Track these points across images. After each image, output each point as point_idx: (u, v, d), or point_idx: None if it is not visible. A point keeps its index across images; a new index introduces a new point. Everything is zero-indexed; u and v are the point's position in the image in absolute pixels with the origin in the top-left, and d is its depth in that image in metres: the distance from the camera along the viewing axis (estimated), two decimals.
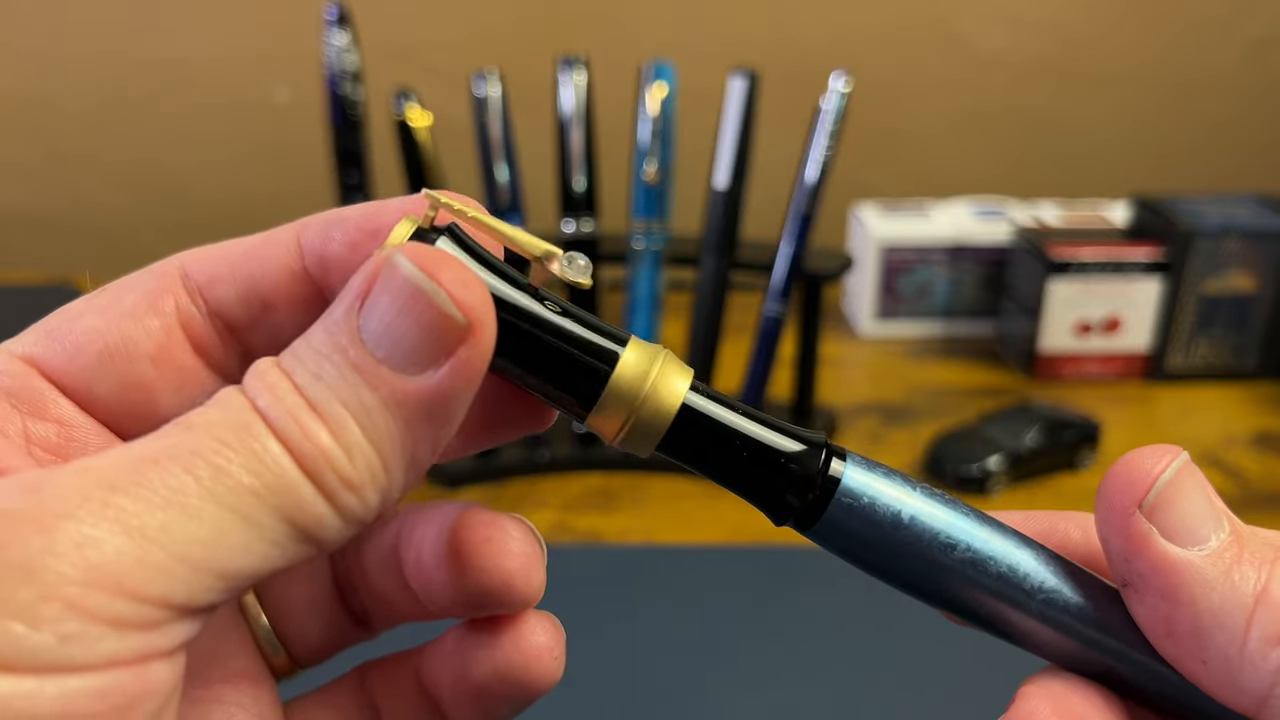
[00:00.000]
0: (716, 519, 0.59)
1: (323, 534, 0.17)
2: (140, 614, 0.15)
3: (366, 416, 0.17)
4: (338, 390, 0.17)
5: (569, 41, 0.74)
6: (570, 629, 0.23)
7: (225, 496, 0.16)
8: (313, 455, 0.17)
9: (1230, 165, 0.98)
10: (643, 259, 0.62)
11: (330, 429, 0.17)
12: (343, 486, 0.17)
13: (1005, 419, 0.63)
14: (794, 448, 0.20)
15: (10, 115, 0.96)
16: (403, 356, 0.17)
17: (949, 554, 0.20)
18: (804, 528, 0.20)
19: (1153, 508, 0.19)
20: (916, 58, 0.94)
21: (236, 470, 0.16)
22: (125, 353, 0.20)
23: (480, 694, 0.21)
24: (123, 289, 0.21)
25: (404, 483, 0.18)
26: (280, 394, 0.17)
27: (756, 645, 0.49)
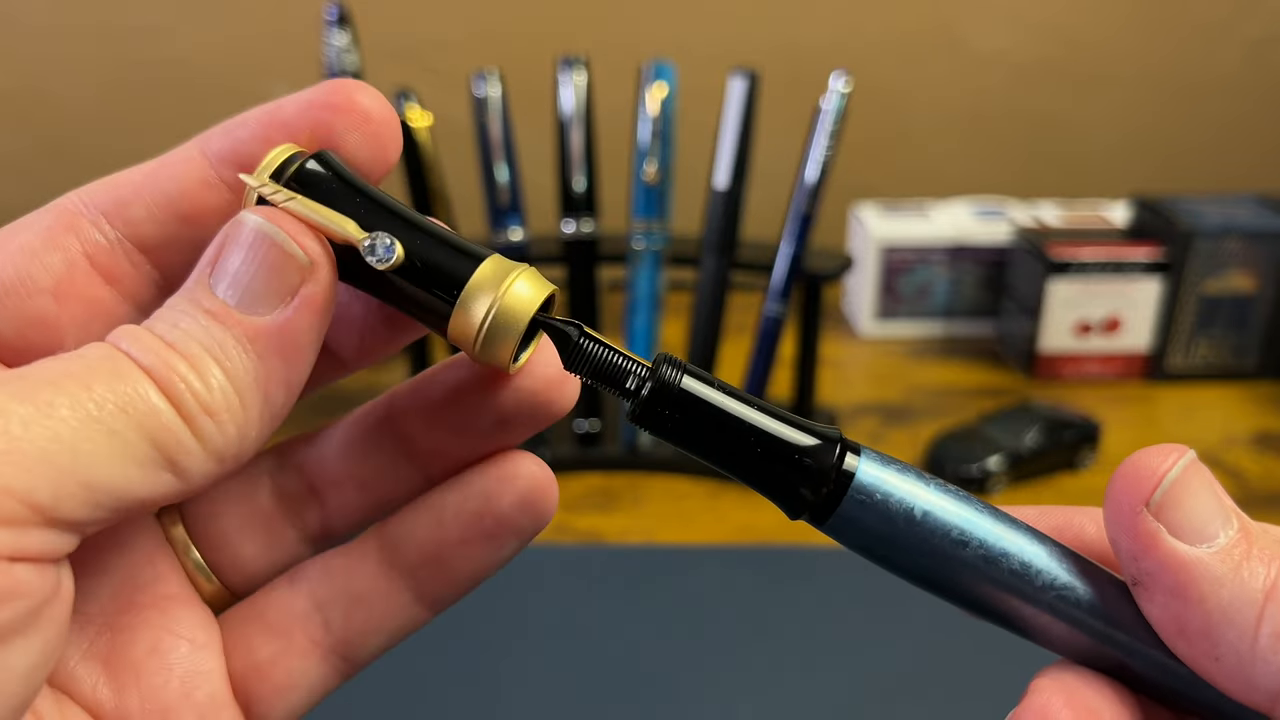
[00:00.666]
0: (716, 519, 0.59)
1: (185, 461, 0.17)
2: (3, 508, 0.15)
3: (221, 352, 0.18)
4: (194, 333, 0.18)
5: (569, 41, 0.74)
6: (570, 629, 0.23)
7: (91, 409, 0.16)
8: (173, 382, 0.17)
9: (1230, 165, 0.98)
10: (643, 259, 0.62)
11: (189, 362, 0.18)
12: (202, 412, 0.18)
13: (1005, 419, 0.63)
14: (809, 442, 0.20)
15: (10, 114, 0.96)
16: (253, 299, 0.18)
17: (963, 549, 0.20)
18: (818, 522, 0.21)
19: (1160, 506, 0.19)
20: (917, 58, 0.94)
21: (102, 389, 0.17)
22: (21, 289, 0.20)
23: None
24: (16, 228, 0.21)
25: (261, 421, 0.19)
26: (143, 341, 0.18)
27: (756, 645, 0.49)
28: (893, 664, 0.48)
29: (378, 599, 0.22)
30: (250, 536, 0.23)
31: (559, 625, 0.50)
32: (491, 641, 0.49)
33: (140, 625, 0.21)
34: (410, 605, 0.22)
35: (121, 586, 0.21)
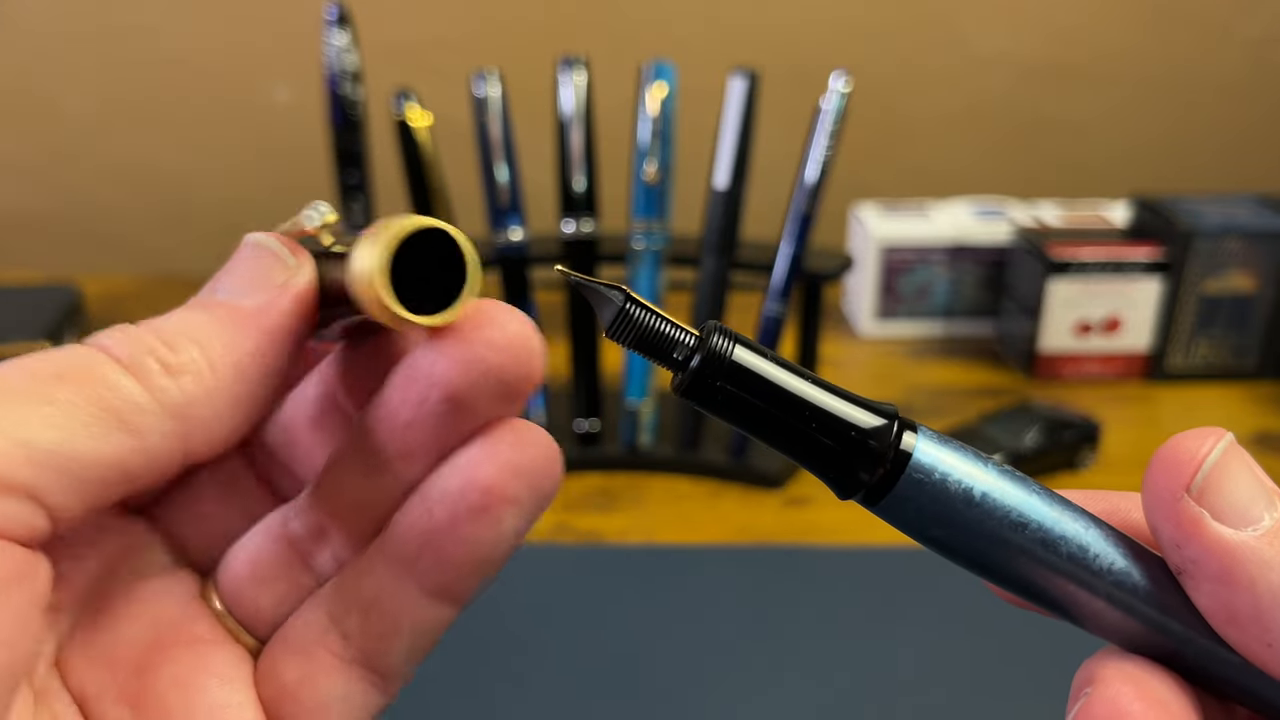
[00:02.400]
0: (716, 519, 0.59)
1: (139, 420, 0.18)
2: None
3: (198, 330, 0.19)
4: (175, 318, 0.20)
5: (569, 41, 0.74)
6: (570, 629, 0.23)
7: (33, 385, 0.17)
8: (137, 355, 0.19)
9: (1230, 165, 0.98)
10: (643, 259, 0.62)
11: (160, 335, 0.19)
12: (161, 371, 0.19)
13: (1005, 419, 0.63)
14: (867, 419, 0.19)
15: (11, 115, 0.96)
16: (240, 290, 0.20)
17: (1020, 532, 0.19)
18: (872, 503, 0.20)
19: (1201, 491, 0.18)
20: (916, 57, 0.94)
21: (42, 365, 0.18)
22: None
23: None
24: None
25: (234, 387, 0.19)
26: (126, 329, 0.19)
27: (756, 645, 0.49)
28: (893, 664, 0.48)
29: (388, 600, 0.21)
30: (268, 590, 0.22)
31: (559, 625, 0.50)
32: (491, 641, 0.49)
33: (169, 663, 0.21)
34: (421, 601, 0.21)
35: (152, 630, 0.22)
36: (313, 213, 0.22)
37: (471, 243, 0.19)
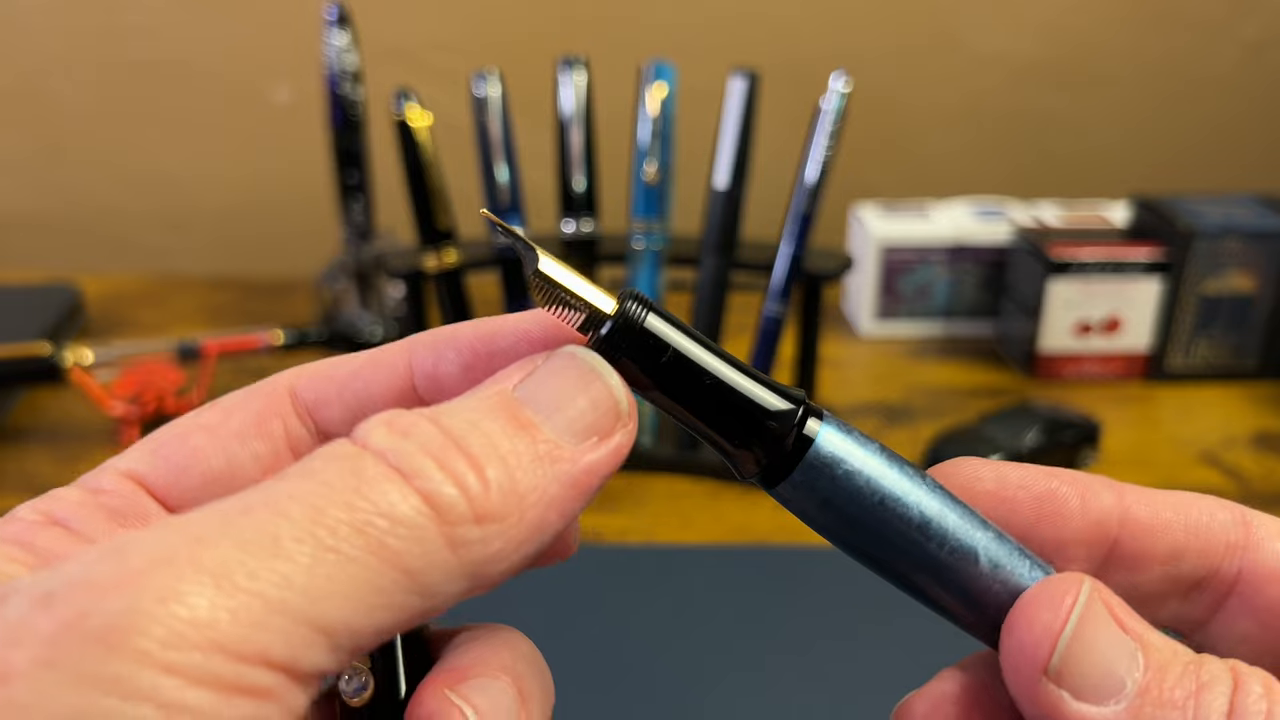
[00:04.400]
0: (716, 519, 0.59)
1: (432, 579, 0.15)
2: (240, 675, 0.14)
3: (517, 461, 0.17)
4: (491, 436, 0.17)
5: (569, 41, 0.74)
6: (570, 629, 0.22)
7: (324, 536, 0.15)
8: (437, 484, 0.16)
9: (1230, 165, 0.98)
10: (643, 259, 0.62)
11: (470, 461, 0.16)
12: (470, 519, 0.16)
13: (1005, 419, 0.63)
14: (773, 402, 0.19)
15: (11, 115, 0.96)
16: (567, 425, 0.18)
17: (912, 528, 0.20)
18: (769, 485, 0.20)
19: (1059, 671, 0.18)
20: (916, 58, 0.94)
21: (335, 508, 0.15)
22: (230, 476, 0.19)
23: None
24: (231, 408, 0.20)
25: (528, 545, 0.17)
26: (410, 431, 0.16)
27: (756, 645, 0.49)
28: (893, 664, 0.48)
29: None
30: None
31: (558, 625, 0.50)
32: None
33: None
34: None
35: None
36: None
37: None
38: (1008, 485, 0.21)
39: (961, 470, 0.21)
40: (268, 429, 0.20)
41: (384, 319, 0.78)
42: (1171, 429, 0.70)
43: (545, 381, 0.18)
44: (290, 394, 0.20)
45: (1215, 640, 0.21)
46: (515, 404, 0.17)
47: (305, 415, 0.20)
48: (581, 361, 0.18)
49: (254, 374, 0.72)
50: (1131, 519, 0.21)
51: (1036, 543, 0.21)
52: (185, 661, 0.13)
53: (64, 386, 0.66)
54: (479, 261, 0.63)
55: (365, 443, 0.16)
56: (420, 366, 0.20)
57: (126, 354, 0.67)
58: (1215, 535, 0.21)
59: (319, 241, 0.87)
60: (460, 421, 0.17)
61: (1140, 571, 0.21)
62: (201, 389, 0.66)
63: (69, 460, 0.64)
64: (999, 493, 0.21)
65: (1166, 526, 0.21)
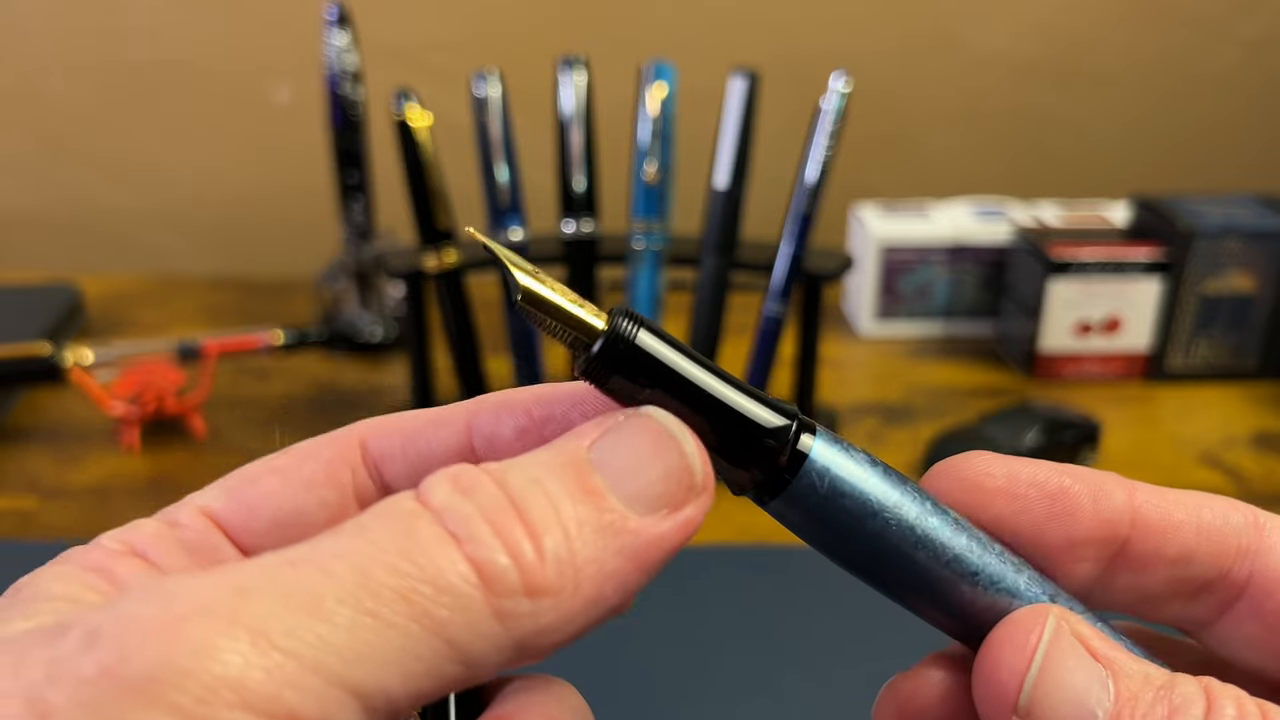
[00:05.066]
0: (716, 519, 0.59)
1: (475, 650, 0.15)
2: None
3: (578, 530, 0.16)
4: (555, 500, 0.16)
5: (569, 41, 0.74)
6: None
7: (366, 600, 0.14)
8: (491, 552, 0.15)
9: (1230, 165, 0.98)
10: (643, 259, 0.62)
11: (527, 530, 0.16)
12: (520, 591, 0.15)
13: (1005, 419, 0.63)
14: (767, 418, 0.19)
15: (11, 115, 0.96)
16: (636, 494, 0.17)
17: (907, 542, 0.19)
18: (763, 501, 0.20)
19: (1028, 710, 0.18)
20: (916, 58, 0.94)
21: (382, 571, 0.15)
22: (298, 522, 0.20)
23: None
24: (303, 455, 0.20)
25: (583, 618, 0.16)
26: (472, 490, 0.16)
27: (756, 645, 0.49)
28: (894, 664, 0.48)
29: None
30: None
31: None
32: None
33: None
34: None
35: None
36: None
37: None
38: (1019, 482, 0.21)
39: (972, 465, 0.21)
40: (336, 478, 0.20)
41: (384, 319, 0.78)
42: (1171, 429, 0.70)
43: (620, 444, 0.17)
44: (361, 445, 0.21)
45: (1221, 641, 0.21)
46: (585, 466, 0.17)
47: (373, 468, 0.21)
48: (659, 425, 0.18)
49: (254, 374, 0.73)
50: (1142, 519, 0.20)
51: (1046, 542, 0.21)
52: (215, 717, 0.13)
53: (64, 386, 0.66)
54: (479, 261, 0.63)
55: (427, 499, 0.16)
56: (480, 429, 0.20)
57: (126, 354, 0.67)
58: (1227, 538, 0.20)
59: (319, 241, 0.87)
60: (524, 480, 0.16)
61: (1148, 572, 0.21)
62: (202, 389, 0.66)
63: (69, 460, 0.64)
64: (1010, 490, 0.21)
65: (1178, 527, 0.20)
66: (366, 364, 0.76)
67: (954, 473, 0.21)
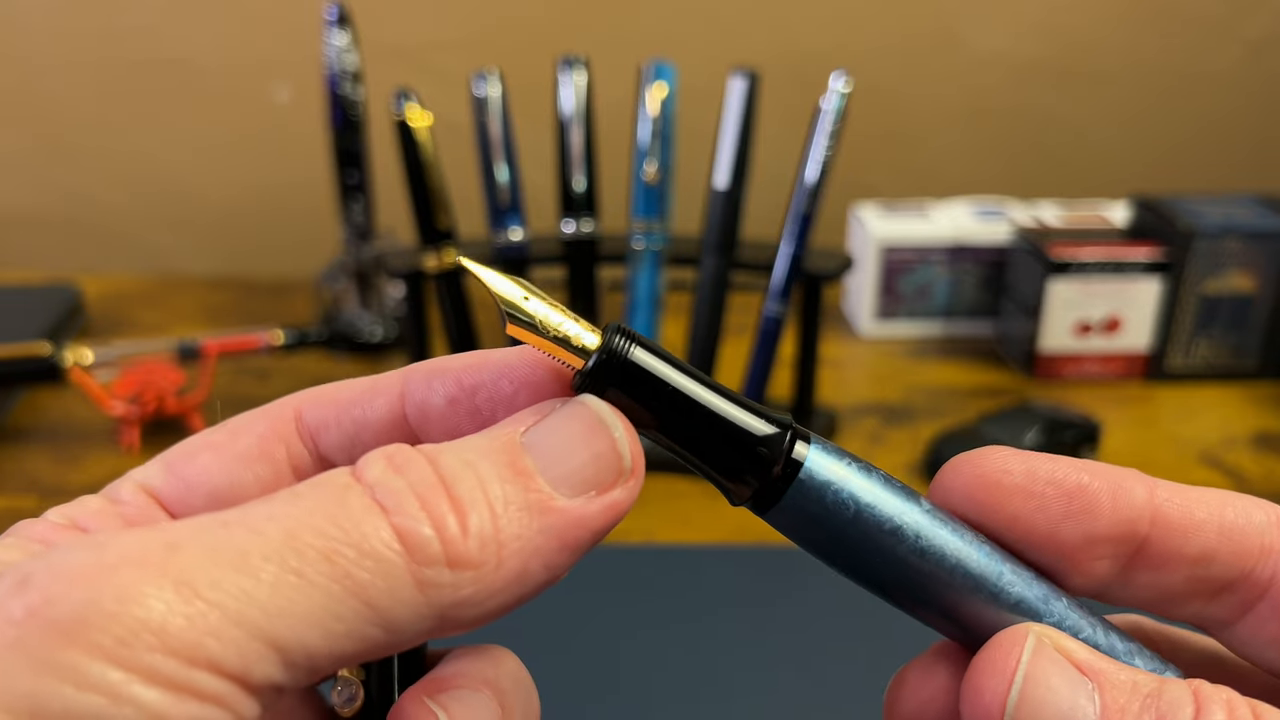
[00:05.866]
0: (716, 519, 0.59)
1: (396, 615, 0.16)
2: (189, 677, 0.14)
3: (504, 509, 0.17)
4: (484, 480, 0.17)
5: (569, 41, 0.74)
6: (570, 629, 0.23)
7: (290, 558, 0.15)
8: (417, 523, 0.16)
9: (1230, 165, 0.98)
10: (643, 259, 0.62)
11: (454, 506, 0.16)
12: (442, 561, 0.16)
13: (1005, 419, 0.63)
14: (761, 428, 0.19)
15: (11, 115, 0.96)
16: (565, 476, 0.18)
17: (902, 545, 0.20)
18: (761, 509, 0.20)
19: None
20: (916, 58, 0.94)
21: (309, 533, 0.15)
22: (233, 495, 0.20)
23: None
24: (238, 429, 0.21)
25: (506, 592, 0.17)
26: (404, 467, 0.17)
27: (756, 645, 0.49)
28: (893, 664, 0.48)
29: None
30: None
31: (558, 625, 0.50)
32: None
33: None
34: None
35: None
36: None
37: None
38: (1036, 479, 0.20)
39: (989, 461, 0.21)
40: (270, 451, 0.21)
41: (384, 319, 0.78)
42: (1171, 429, 0.70)
43: (553, 429, 0.18)
44: (296, 417, 0.21)
45: (1241, 641, 0.21)
46: (517, 449, 0.18)
47: (308, 438, 0.21)
48: (592, 412, 0.18)
49: (254, 374, 0.73)
50: (1163, 517, 0.20)
51: (1063, 540, 0.20)
52: (136, 659, 0.14)
53: (64, 386, 0.66)
54: (479, 261, 0.63)
55: (360, 474, 0.17)
56: (412, 396, 0.21)
57: (126, 354, 0.67)
58: (1250, 537, 0.20)
59: (319, 241, 0.87)
60: (456, 461, 0.17)
61: (1168, 571, 0.20)
62: (202, 389, 0.66)
63: (69, 460, 0.64)
64: (1027, 487, 0.20)
65: (1199, 526, 0.20)
66: (366, 364, 0.76)
67: (971, 468, 0.21)
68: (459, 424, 0.20)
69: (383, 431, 0.21)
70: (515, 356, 0.20)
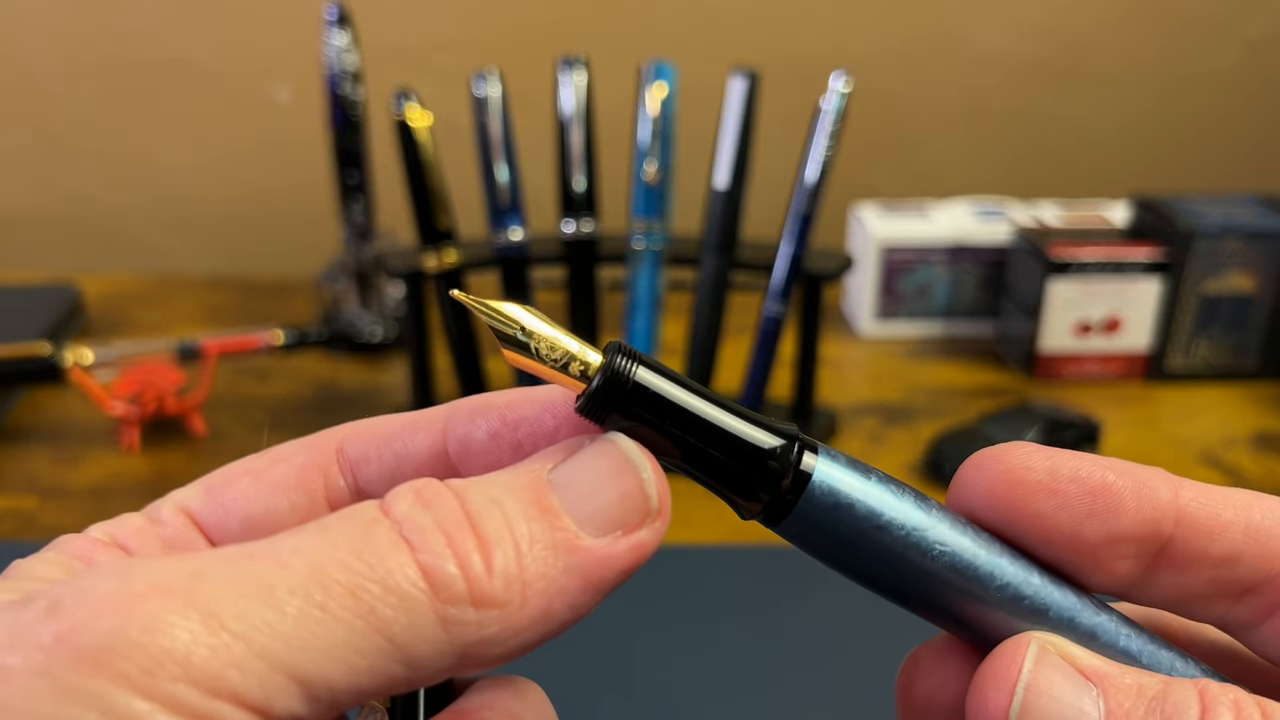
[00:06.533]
0: (716, 519, 0.59)
1: (419, 652, 0.16)
2: (210, 709, 0.14)
3: (529, 547, 0.17)
4: (510, 517, 0.17)
5: (569, 41, 0.74)
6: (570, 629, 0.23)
7: (315, 593, 0.15)
8: (442, 561, 0.16)
9: (1230, 165, 0.98)
10: (643, 259, 0.62)
11: (479, 544, 0.16)
12: (467, 600, 0.16)
13: (1005, 419, 0.63)
14: (768, 441, 0.19)
15: (11, 115, 0.96)
16: (591, 515, 0.18)
17: (915, 551, 0.20)
18: (772, 522, 0.20)
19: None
20: (916, 59, 0.94)
21: (334, 567, 0.15)
22: (269, 523, 0.20)
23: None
24: (278, 457, 0.21)
25: (531, 632, 0.17)
26: (432, 503, 0.17)
27: (756, 645, 0.49)
28: (893, 664, 0.48)
29: None
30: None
31: None
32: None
33: None
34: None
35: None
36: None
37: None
38: (1060, 477, 0.20)
39: (1013, 456, 0.20)
40: (307, 482, 0.21)
41: (384, 319, 0.78)
42: (1171, 429, 0.70)
43: (580, 467, 0.18)
44: (338, 449, 0.21)
45: (1265, 643, 0.20)
46: (544, 487, 0.18)
47: (348, 471, 0.21)
48: (620, 451, 0.18)
49: (254, 374, 0.73)
50: (1188, 517, 0.20)
51: (1085, 538, 0.20)
52: (160, 689, 0.14)
53: (64, 386, 0.66)
54: (479, 261, 0.63)
55: (388, 508, 0.17)
56: (454, 431, 0.21)
57: (126, 354, 0.67)
58: (1276, 540, 0.20)
59: (319, 241, 0.87)
60: (483, 498, 0.17)
61: (1192, 572, 0.20)
62: (202, 389, 0.66)
63: (69, 460, 0.64)
64: (1050, 484, 0.20)
65: (1225, 528, 0.20)
66: (366, 364, 0.76)
67: (994, 464, 0.20)
68: (500, 459, 0.20)
69: (424, 466, 0.21)
70: (559, 393, 0.20)
